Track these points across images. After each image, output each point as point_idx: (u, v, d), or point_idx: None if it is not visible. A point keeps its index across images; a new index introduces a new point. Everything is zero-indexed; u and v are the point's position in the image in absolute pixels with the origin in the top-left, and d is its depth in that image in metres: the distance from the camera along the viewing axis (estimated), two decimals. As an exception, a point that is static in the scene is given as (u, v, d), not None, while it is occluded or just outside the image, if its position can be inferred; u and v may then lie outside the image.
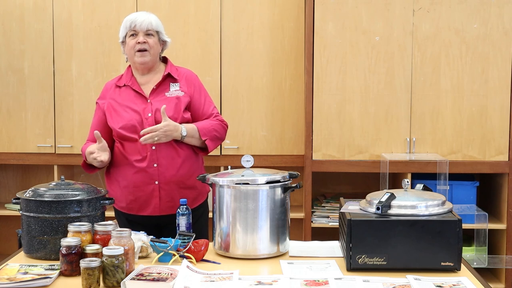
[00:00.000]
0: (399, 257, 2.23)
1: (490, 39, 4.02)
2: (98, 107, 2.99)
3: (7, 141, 4.42)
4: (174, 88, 2.92)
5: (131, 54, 2.91)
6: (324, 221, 4.21)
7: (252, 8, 4.30)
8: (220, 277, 2.18)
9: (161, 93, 2.91)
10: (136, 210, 2.92)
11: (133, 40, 2.89)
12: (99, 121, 2.96)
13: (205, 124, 2.91)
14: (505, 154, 4.06)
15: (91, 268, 2.08)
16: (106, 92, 2.99)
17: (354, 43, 4.06)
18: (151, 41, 2.90)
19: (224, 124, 2.99)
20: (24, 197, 2.46)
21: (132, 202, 2.91)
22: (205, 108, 2.96)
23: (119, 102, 2.92)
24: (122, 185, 2.91)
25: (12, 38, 4.37)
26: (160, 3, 4.31)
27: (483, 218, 4.01)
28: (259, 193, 2.46)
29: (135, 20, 2.89)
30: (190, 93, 2.94)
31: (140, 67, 2.93)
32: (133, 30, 2.89)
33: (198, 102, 2.95)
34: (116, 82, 2.99)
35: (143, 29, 2.89)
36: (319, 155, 4.12)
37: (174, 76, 2.94)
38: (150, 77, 2.96)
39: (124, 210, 2.96)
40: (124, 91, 2.94)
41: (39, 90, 4.38)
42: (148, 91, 2.92)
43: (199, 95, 2.96)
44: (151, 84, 2.94)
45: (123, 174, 2.91)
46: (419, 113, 4.07)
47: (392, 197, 2.32)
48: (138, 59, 2.89)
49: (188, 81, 2.96)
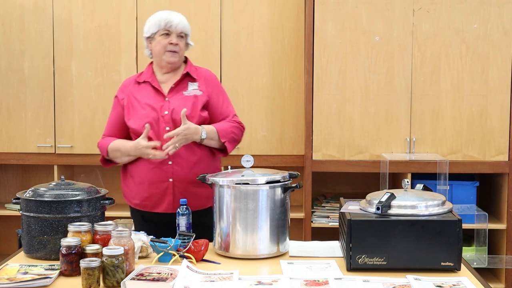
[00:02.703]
0: (399, 257, 2.23)
1: (490, 39, 4.02)
2: (117, 102, 3.01)
3: (7, 141, 4.42)
4: (193, 87, 2.95)
5: (160, 53, 2.93)
6: (324, 221, 4.22)
7: (252, 8, 4.30)
8: (220, 277, 2.18)
9: (179, 91, 2.94)
10: (149, 207, 2.92)
11: (165, 40, 2.92)
12: (117, 116, 2.98)
13: (224, 126, 2.92)
14: (505, 154, 4.06)
15: (91, 268, 2.08)
16: (125, 88, 3.01)
17: (354, 43, 4.06)
18: (181, 43, 2.95)
19: (241, 126, 3.01)
20: (24, 197, 2.46)
21: (146, 199, 2.92)
22: (223, 108, 2.98)
23: (138, 98, 2.94)
24: (137, 182, 2.92)
25: (12, 38, 4.37)
26: (160, 3, 4.31)
27: (483, 218, 4.01)
28: (259, 193, 2.46)
29: (170, 20, 2.94)
30: (208, 92, 2.96)
31: (167, 66, 2.96)
32: (167, 30, 2.93)
33: (217, 102, 2.98)
34: (136, 78, 3.02)
35: (177, 30, 2.94)
36: (319, 155, 4.12)
37: (193, 76, 2.98)
38: (170, 75, 2.99)
39: (138, 207, 2.97)
40: (144, 88, 2.97)
41: (39, 90, 4.38)
42: (167, 89, 2.95)
43: (217, 95, 2.99)
44: (170, 82, 2.97)
45: (138, 171, 2.92)
46: (419, 113, 4.07)
47: (392, 197, 2.32)
48: (169, 59, 2.93)
49: (207, 81, 2.99)
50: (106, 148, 2.93)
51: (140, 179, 2.91)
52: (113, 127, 2.99)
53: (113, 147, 2.91)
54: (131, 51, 4.33)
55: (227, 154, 2.99)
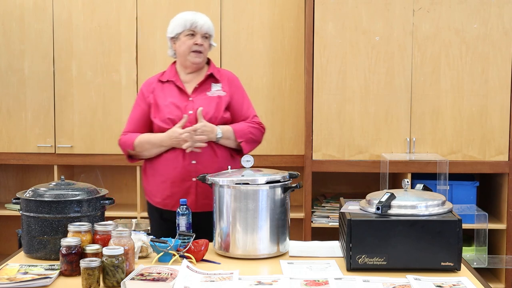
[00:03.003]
0: (399, 257, 2.23)
1: (490, 39, 4.02)
2: (143, 99, 3.03)
3: (7, 141, 4.42)
4: (216, 88, 3.00)
5: (185, 53, 2.97)
6: (324, 221, 4.21)
7: (252, 8, 4.30)
8: (220, 277, 2.18)
9: (203, 92, 2.98)
10: (171, 206, 2.93)
11: (190, 40, 2.96)
12: (142, 113, 3.01)
13: (242, 126, 2.97)
14: (505, 154, 4.06)
15: (91, 268, 2.08)
16: (149, 86, 3.04)
17: (354, 43, 4.06)
18: (206, 44, 2.99)
19: (261, 127, 3.05)
20: (24, 197, 2.46)
21: (168, 197, 2.94)
22: (243, 109, 3.03)
23: (162, 97, 2.98)
24: (159, 180, 2.94)
25: (12, 38, 4.37)
26: (160, 3, 4.31)
27: (483, 218, 4.01)
28: (259, 193, 2.46)
29: (196, 21, 2.98)
30: (231, 93, 3.01)
31: (192, 67, 3.00)
32: (192, 30, 2.97)
33: (238, 103, 3.03)
34: (159, 77, 3.05)
35: (202, 31, 2.97)
36: (319, 155, 4.12)
37: (216, 77, 3.02)
38: (193, 75, 3.03)
39: (159, 206, 2.98)
40: (167, 87, 3.00)
41: (39, 90, 4.38)
42: (190, 89, 2.99)
43: (239, 96, 3.04)
44: (193, 83, 3.01)
45: (161, 169, 2.94)
46: (419, 113, 4.07)
47: (392, 197, 2.32)
48: (194, 59, 2.97)
49: (229, 82, 3.04)
50: (132, 142, 2.95)
51: (163, 178, 2.93)
52: (138, 123, 3.01)
53: (142, 140, 2.94)
54: (131, 51, 4.33)
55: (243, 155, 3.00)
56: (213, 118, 2.91)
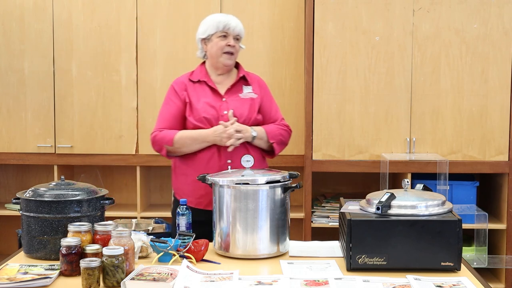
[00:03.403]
0: (399, 257, 2.23)
1: (490, 39, 4.02)
2: (177, 96, 3.04)
3: (7, 141, 4.42)
4: (247, 90, 3.07)
5: (217, 54, 3.02)
6: (324, 221, 4.21)
7: (252, 8, 4.30)
8: (220, 277, 2.18)
9: (235, 93, 3.05)
10: (204, 205, 2.95)
11: (222, 42, 3.01)
12: (178, 110, 3.03)
13: (272, 128, 3.06)
14: (505, 154, 4.06)
15: (91, 268, 2.08)
16: (181, 84, 3.07)
17: (354, 43, 4.06)
18: (237, 46, 3.05)
19: (289, 130, 3.14)
20: (24, 197, 2.46)
21: (202, 196, 2.95)
22: (272, 112, 3.12)
23: (195, 96, 3.02)
24: (191, 179, 2.94)
25: (12, 38, 4.37)
26: (160, 3, 4.31)
27: (483, 218, 4.01)
28: (259, 193, 2.46)
29: (228, 23, 3.02)
30: (261, 96, 3.09)
31: (223, 68, 3.06)
32: (225, 32, 3.02)
33: (267, 106, 3.11)
34: (189, 77, 3.08)
35: (235, 33, 3.03)
36: (319, 155, 4.12)
37: (247, 79, 3.08)
38: (223, 77, 3.09)
39: (192, 205, 2.95)
40: (199, 87, 3.05)
41: (39, 90, 4.38)
42: (222, 90, 3.04)
43: (268, 99, 3.12)
44: (224, 84, 3.06)
45: (195, 168, 2.97)
46: (419, 113, 4.07)
47: (392, 197, 2.32)
48: (226, 61, 3.03)
49: (259, 85, 3.12)
50: (171, 138, 2.96)
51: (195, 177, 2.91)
52: (173, 120, 3.02)
53: (183, 135, 2.96)
54: (131, 51, 4.33)
55: (274, 156, 3.10)
56: (247, 119, 2.99)
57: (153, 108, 4.33)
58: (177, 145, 2.97)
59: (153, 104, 4.34)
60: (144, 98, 4.35)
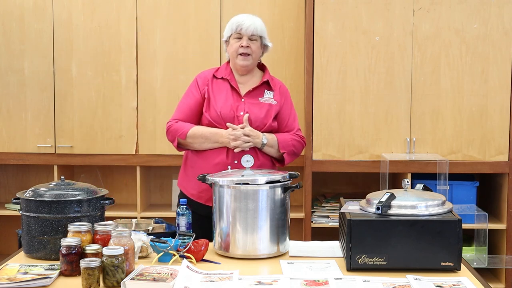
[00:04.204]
0: (399, 257, 2.23)
1: (490, 39, 4.02)
2: (197, 90, 3.05)
3: (7, 141, 4.42)
4: (268, 95, 3.06)
5: (233, 56, 3.03)
6: (324, 221, 4.21)
7: (252, 8, 4.30)
8: (220, 277, 2.18)
9: (256, 96, 3.03)
10: (205, 200, 2.97)
11: (237, 43, 3.01)
12: (196, 104, 3.03)
13: (286, 137, 3.03)
14: (505, 154, 4.06)
15: (91, 268, 2.08)
16: (204, 79, 3.07)
17: (354, 43, 4.06)
18: (254, 46, 3.02)
19: (303, 141, 3.11)
20: (24, 197, 2.46)
21: (204, 191, 2.96)
22: (289, 121, 3.09)
23: (216, 92, 3.02)
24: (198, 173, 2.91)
25: (12, 38, 4.37)
26: (160, 3, 4.31)
27: (483, 218, 4.01)
28: (259, 193, 2.46)
29: (241, 23, 3.01)
30: (281, 104, 3.07)
31: (240, 69, 3.05)
32: (238, 33, 3.01)
33: (286, 114, 3.08)
34: (214, 73, 3.09)
35: (248, 33, 3.00)
36: (319, 155, 4.12)
37: (270, 85, 3.07)
38: (247, 78, 3.08)
39: (193, 198, 3.01)
40: (221, 84, 3.05)
41: (39, 90, 4.38)
42: (243, 91, 3.04)
43: (287, 108, 3.10)
44: (247, 85, 3.06)
45: (202, 162, 2.98)
46: (419, 113, 4.07)
47: (392, 197, 2.32)
48: (240, 62, 3.01)
49: (281, 92, 3.10)
50: (185, 132, 2.97)
51: (202, 171, 2.93)
52: (190, 112, 3.03)
53: (197, 132, 2.96)
54: (131, 51, 4.33)
55: (284, 165, 3.07)
56: (261, 124, 2.97)
57: (153, 108, 4.33)
58: (189, 140, 2.98)
59: (153, 104, 4.34)
60: (144, 98, 4.35)
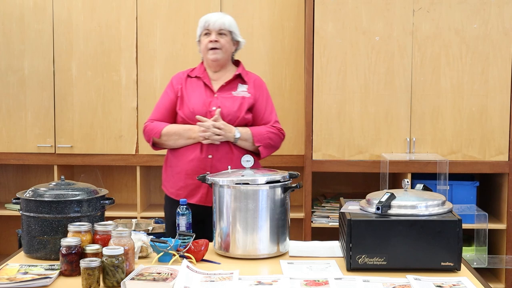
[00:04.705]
0: (399, 257, 2.23)
1: (490, 39, 4.02)
2: (172, 90, 3.11)
3: (7, 141, 4.42)
4: (242, 88, 3.09)
5: (204, 52, 3.09)
6: (324, 221, 4.21)
7: (252, 8, 4.30)
8: (220, 277, 2.18)
9: (229, 91, 3.07)
10: (183, 197, 2.99)
11: (206, 39, 3.06)
12: (171, 103, 3.10)
13: (261, 130, 3.05)
14: (505, 154, 4.06)
15: (91, 268, 2.08)
16: (179, 79, 3.14)
17: (354, 43, 4.06)
18: (223, 40, 3.06)
19: (280, 133, 3.12)
20: (24, 197, 2.46)
21: (182, 188, 3.02)
22: (265, 114, 3.10)
23: (189, 91, 3.07)
24: (175, 171, 3.04)
25: (12, 38, 4.37)
26: (160, 3, 4.31)
27: (483, 218, 4.01)
28: (259, 193, 2.46)
29: (209, 20, 3.08)
30: (255, 96, 3.08)
31: (212, 64, 3.09)
32: (207, 29, 3.08)
33: (261, 107, 3.10)
34: (188, 73, 3.14)
35: (216, 28, 3.06)
36: (319, 155, 4.12)
37: (244, 78, 3.10)
38: (221, 74, 3.12)
39: (172, 196, 3.07)
40: (195, 82, 3.10)
41: (39, 90, 4.38)
42: (217, 87, 3.08)
43: (263, 100, 3.11)
44: (221, 81, 3.10)
45: (178, 160, 3.03)
46: (419, 113, 4.07)
47: (392, 197, 2.32)
48: (211, 56, 3.06)
49: (256, 85, 3.12)
50: (159, 131, 3.03)
51: (178, 169, 3.02)
52: (165, 112, 3.10)
53: (170, 130, 3.02)
54: (131, 51, 4.33)
55: (260, 158, 3.09)
56: (234, 117, 3.00)
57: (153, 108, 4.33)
58: (164, 138, 3.03)
59: (153, 104, 4.29)
60: (144, 98, 4.35)
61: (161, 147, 3.11)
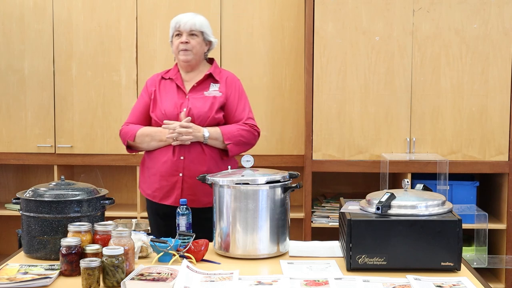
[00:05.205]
0: (399, 257, 2.23)
1: (490, 39, 4.02)
2: (146, 92, 3.12)
3: (7, 141, 4.42)
4: (214, 88, 3.07)
5: (175, 54, 3.08)
6: (324, 221, 4.22)
7: (252, 8, 4.30)
8: (220, 277, 2.18)
9: (201, 91, 3.05)
10: (159, 199, 3.03)
11: (177, 40, 3.06)
12: (144, 106, 3.10)
13: (231, 128, 3.02)
14: (505, 154, 4.06)
15: (91, 268, 2.08)
16: (153, 81, 3.14)
17: (354, 43, 4.06)
18: (194, 41, 3.04)
19: (254, 130, 3.08)
20: (24, 197, 2.46)
21: (157, 190, 3.03)
22: (237, 111, 3.07)
23: (162, 93, 3.07)
24: (151, 173, 3.05)
25: (12, 38, 4.37)
26: (160, 3, 4.31)
27: (483, 218, 4.01)
28: (259, 193, 2.46)
29: (180, 21, 3.07)
30: (226, 95, 3.06)
31: (184, 65, 3.08)
32: (178, 30, 3.07)
33: (232, 104, 3.07)
34: (163, 75, 3.14)
35: (186, 29, 3.04)
36: (319, 155, 4.12)
37: (215, 77, 3.08)
38: (193, 75, 3.10)
39: (149, 197, 3.09)
40: (168, 84, 3.10)
41: (39, 90, 4.38)
42: (189, 88, 3.07)
43: (234, 98, 3.08)
44: (193, 81, 3.09)
45: (152, 162, 3.04)
46: (419, 113, 4.07)
47: (392, 197, 2.32)
48: (182, 57, 3.05)
49: (228, 83, 3.09)
50: (134, 134, 3.03)
51: (153, 171, 3.03)
52: (140, 115, 3.10)
53: (143, 132, 3.03)
54: (131, 51, 4.33)
55: (229, 156, 3.06)
56: (205, 118, 2.99)
57: (153, 108, 4.33)
58: (138, 140, 3.04)
59: (153, 104, 4.33)
60: (144, 98, 4.34)
61: (136, 149, 3.11)
